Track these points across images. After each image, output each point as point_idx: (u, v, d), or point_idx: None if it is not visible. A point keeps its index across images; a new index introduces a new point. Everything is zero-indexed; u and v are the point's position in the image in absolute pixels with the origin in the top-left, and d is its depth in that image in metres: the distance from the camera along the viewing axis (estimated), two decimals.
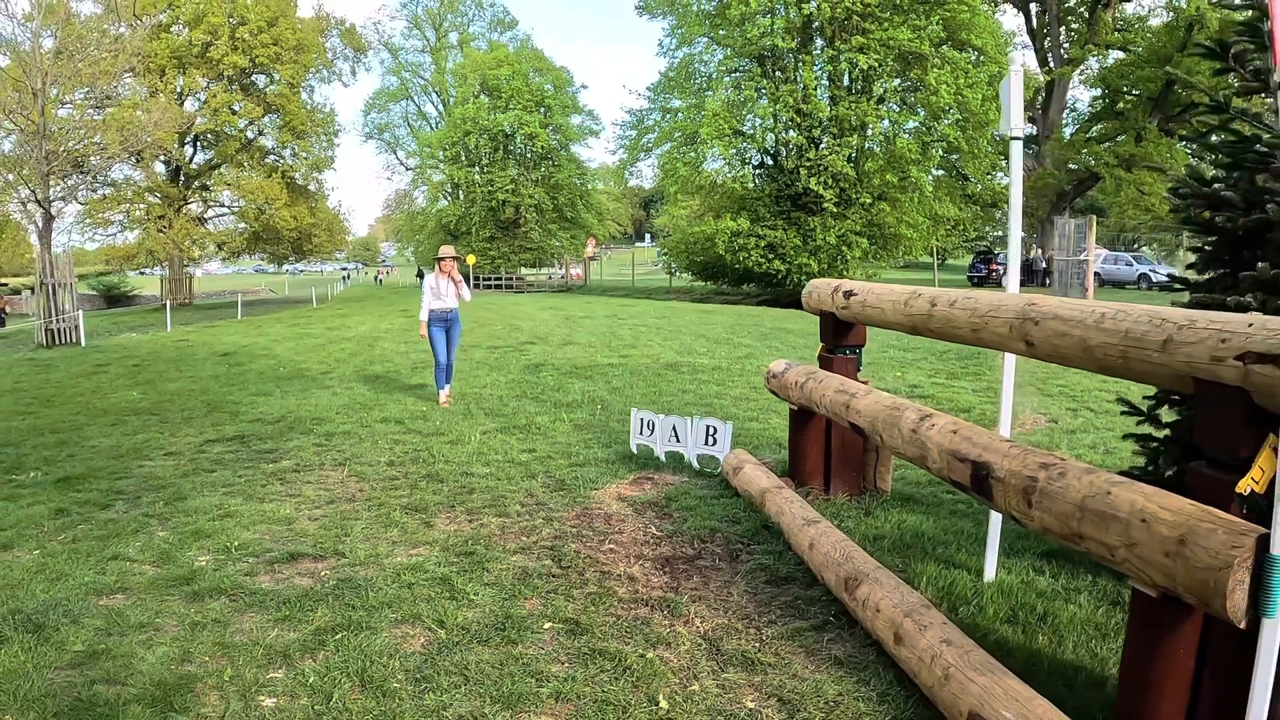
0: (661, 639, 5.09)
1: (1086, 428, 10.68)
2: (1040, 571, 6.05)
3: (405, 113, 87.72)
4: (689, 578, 6.10)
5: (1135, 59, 51.91)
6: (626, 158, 59.29)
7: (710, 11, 49.84)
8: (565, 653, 4.92)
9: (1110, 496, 3.68)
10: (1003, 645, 4.90)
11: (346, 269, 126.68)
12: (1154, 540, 3.39)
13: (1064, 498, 3.89)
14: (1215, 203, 5.50)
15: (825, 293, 7.79)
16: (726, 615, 5.45)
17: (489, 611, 5.47)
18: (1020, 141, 5.64)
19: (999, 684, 3.89)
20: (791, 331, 24.27)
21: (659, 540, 6.86)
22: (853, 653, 4.93)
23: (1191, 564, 3.20)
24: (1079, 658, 4.84)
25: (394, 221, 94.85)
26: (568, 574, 6.13)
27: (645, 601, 5.66)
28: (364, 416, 11.83)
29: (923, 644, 4.37)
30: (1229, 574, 3.06)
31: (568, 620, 5.33)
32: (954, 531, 6.91)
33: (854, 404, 6.52)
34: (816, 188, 45.60)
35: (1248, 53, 5.60)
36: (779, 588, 5.90)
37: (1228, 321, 3.55)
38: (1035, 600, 5.55)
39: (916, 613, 4.65)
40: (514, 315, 30.22)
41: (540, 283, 76.49)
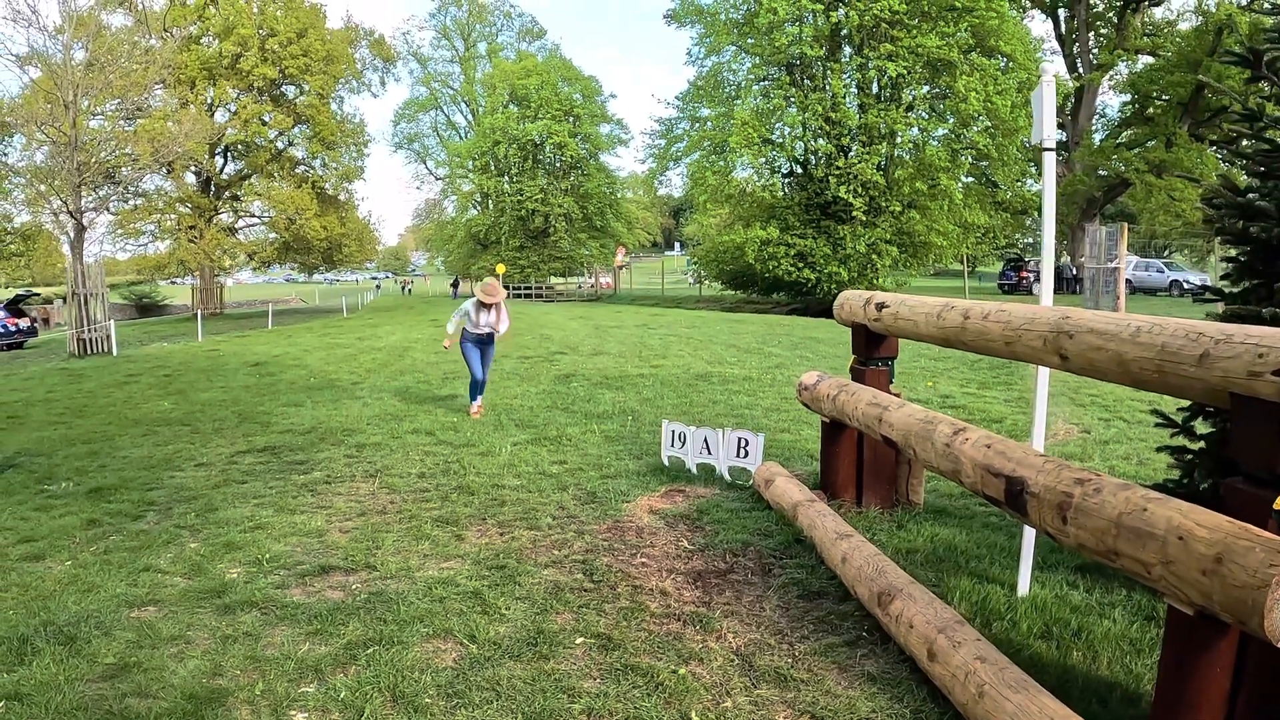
0: (694, 654, 5.07)
1: (1119, 438, 10.61)
2: (1074, 586, 6.01)
3: (434, 123, 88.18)
4: (721, 592, 6.08)
5: (1164, 64, 51.61)
6: (656, 166, 59.43)
7: (738, 20, 49.87)
8: (597, 668, 4.91)
9: (1146, 513, 3.65)
10: (1036, 661, 4.86)
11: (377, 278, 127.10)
12: (1190, 558, 3.36)
13: (1099, 514, 3.86)
14: (1249, 213, 5.46)
15: (857, 305, 7.76)
16: (759, 630, 5.43)
17: (520, 626, 5.46)
18: (1052, 153, 5.61)
19: (1034, 702, 3.87)
20: (822, 341, 24.20)
21: (691, 554, 6.84)
22: (885, 669, 4.90)
23: (1229, 582, 3.17)
24: (1114, 674, 4.79)
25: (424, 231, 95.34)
26: (599, 588, 6.13)
27: (677, 616, 5.65)
28: (395, 428, 11.85)
29: (956, 661, 4.35)
30: (1267, 593, 3.02)
31: (599, 635, 5.33)
32: (987, 545, 6.86)
33: (887, 417, 6.50)
34: (846, 196, 45.55)
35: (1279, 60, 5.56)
36: (811, 603, 5.88)
37: (1265, 335, 3.51)
38: (1069, 615, 5.50)
39: (950, 629, 4.62)
40: (544, 325, 30.25)
41: (570, 292, 76.59)
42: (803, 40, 46.07)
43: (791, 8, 45.21)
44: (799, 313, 43.84)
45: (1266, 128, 5.64)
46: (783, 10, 44.70)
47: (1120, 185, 52.58)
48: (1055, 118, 5.62)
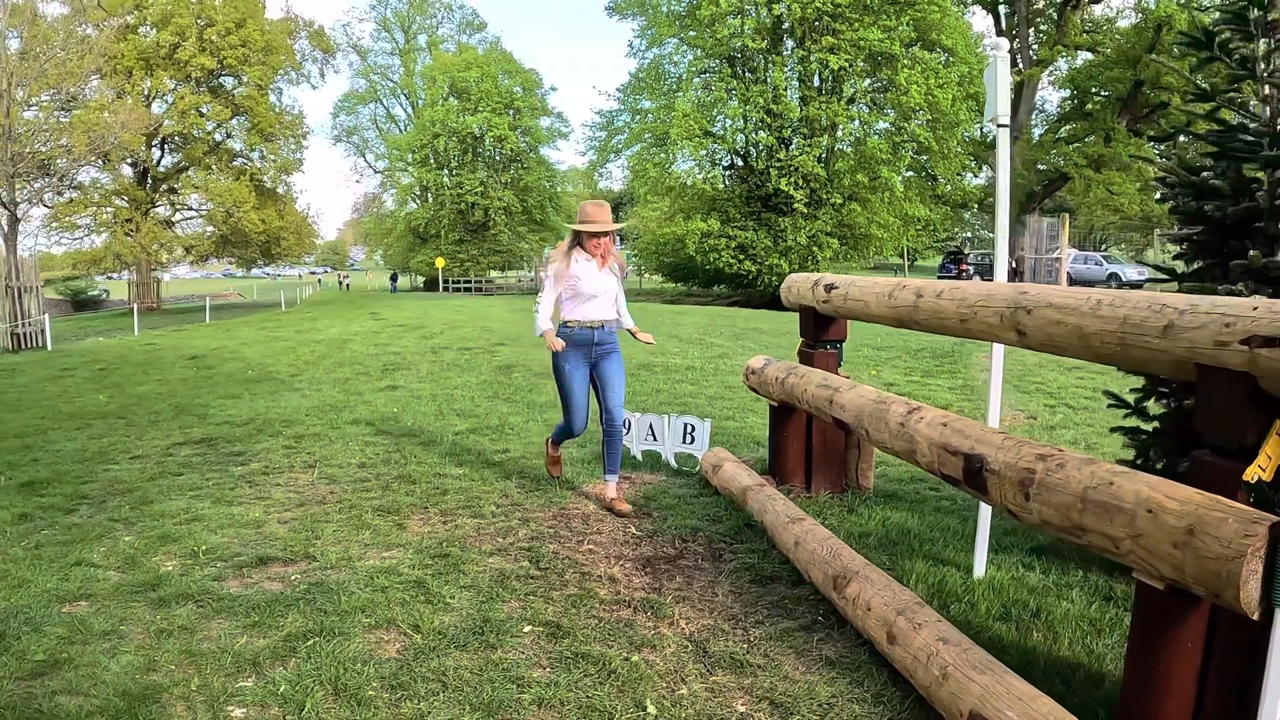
0: (646, 641, 4.94)
1: (1066, 424, 10.62)
2: (1030, 567, 5.96)
3: (374, 115, 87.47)
4: (671, 578, 5.96)
5: (1104, 60, 52.16)
6: (596, 159, 59.38)
7: (680, 12, 49.92)
8: (547, 657, 4.76)
9: (1113, 487, 3.56)
10: (997, 643, 4.78)
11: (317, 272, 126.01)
12: (1161, 531, 3.28)
13: (1064, 489, 3.77)
14: (1203, 192, 5.43)
15: (805, 287, 7.67)
16: (712, 616, 5.31)
17: (466, 615, 5.30)
18: (1007, 129, 5.54)
19: (1000, 683, 3.77)
20: (765, 331, 24.21)
21: (639, 540, 6.72)
22: (844, 653, 4.80)
23: (1202, 555, 3.10)
24: (1075, 654, 4.73)
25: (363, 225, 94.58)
26: (546, 575, 5.98)
27: (628, 603, 5.52)
28: (334, 418, 11.63)
29: (918, 643, 4.25)
30: (1242, 564, 2.95)
31: (548, 623, 5.18)
32: (940, 528, 6.81)
33: (838, 398, 6.41)
34: (787, 188, 45.70)
35: (1232, 41, 5.54)
36: (764, 587, 5.78)
37: (1232, 305, 3.45)
38: (1027, 596, 5.45)
39: (909, 610, 4.53)
40: (484, 317, 30.03)
41: (510, 285, 76.34)
42: (744, 33, 46.20)
43: (734, 0, 45.27)
44: (740, 304, 43.99)
45: (1220, 108, 5.62)
46: (725, 3, 44.79)
47: (1059, 179, 53.08)
48: (1009, 94, 5.54)
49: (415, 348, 20.58)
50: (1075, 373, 14.42)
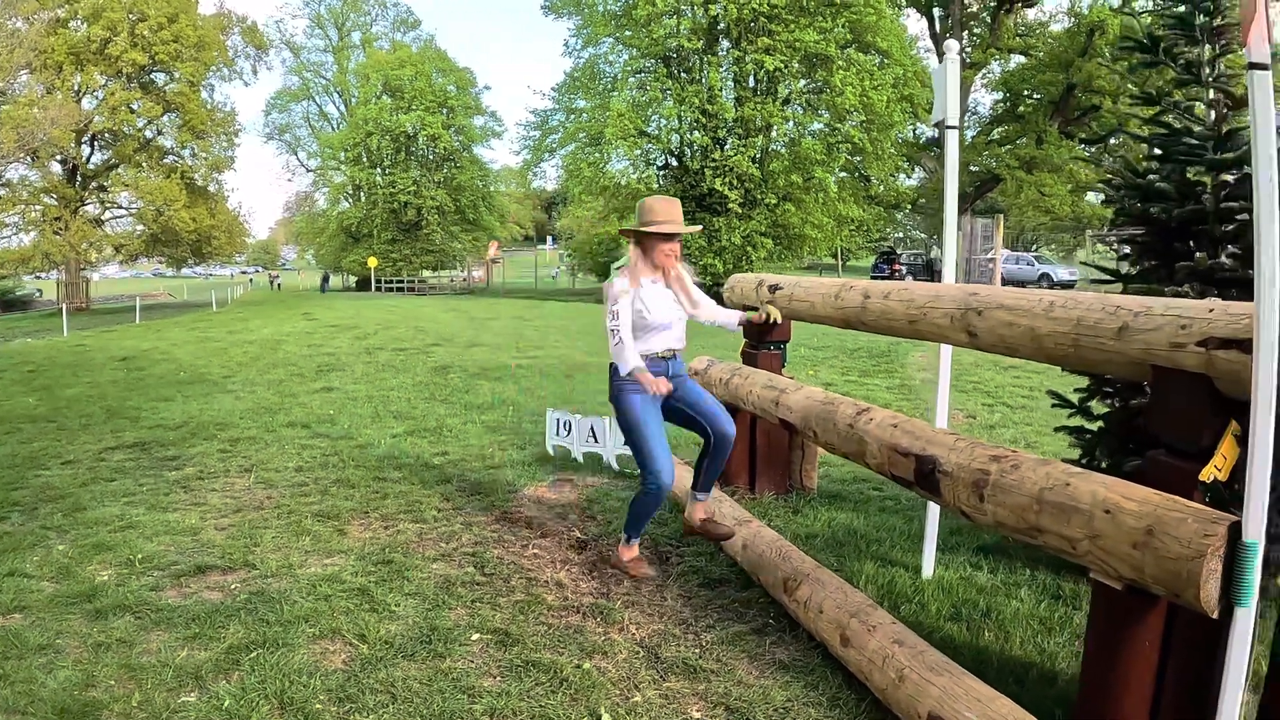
0: (597, 648, 4.89)
1: (1005, 423, 10.70)
2: (978, 567, 5.99)
3: (306, 113, 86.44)
4: (619, 582, 5.91)
5: (1036, 63, 52.85)
6: (530, 159, 58.98)
7: (617, 12, 49.79)
8: (496, 665, 4.69)
9: (1070, 488, 3.57)
10: (950, 643, 4.79)
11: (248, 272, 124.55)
12: (1119, 532, 3.29)
13: (1019, 490, 3.77)
14: (1149, 194, 5.49)
15: (749, 287, 7.66)
16: (662, 621, 5.27)
17: (412, 624, 5.21)
18: (956, 131, 5.54)
19: (958, 684, 3.77)
20: (700, 331, 24.18)
21: (584, 544, 6.66)
22: (797, 656, 4.78)
23: (1162, 555, 3.10)
24: (1027, 654, 4.75)
25: (294, 224, 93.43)
26: (492, 581, 5.91)
27: (576, 609, 5.46)
28: (269, 421, 11.46)
29: (873, 645, 4.24)
30: (1202, 563, 2.96)
31: (496, 630, 5.11)
32: (886, 528, 6.83)
33: (784, 399, 6.40)
34: (721, 188, 45.74)
35: (1177, 46, 5.60)
36: (714, 590, 5.75)
37: (1187, 308, 3.48)
38: (977, 596, 5.47)
39: (863, 613, 4.51)
40: (418, 317, 29.83)
41: (442, 285, 75.89)
42: (680, 33, 46.19)
43: (670, 0, 45.29)
44: None
45: (1164, 111, 5.68)
46: (661, 3, 44.72)
47: (992, 181, 53.63)
48: (958, 95, 5.55)
49: (349, 348, 20.41)
50: (1012, 372, 14.56)
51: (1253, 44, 2.97)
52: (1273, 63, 3.04)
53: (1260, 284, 2.93)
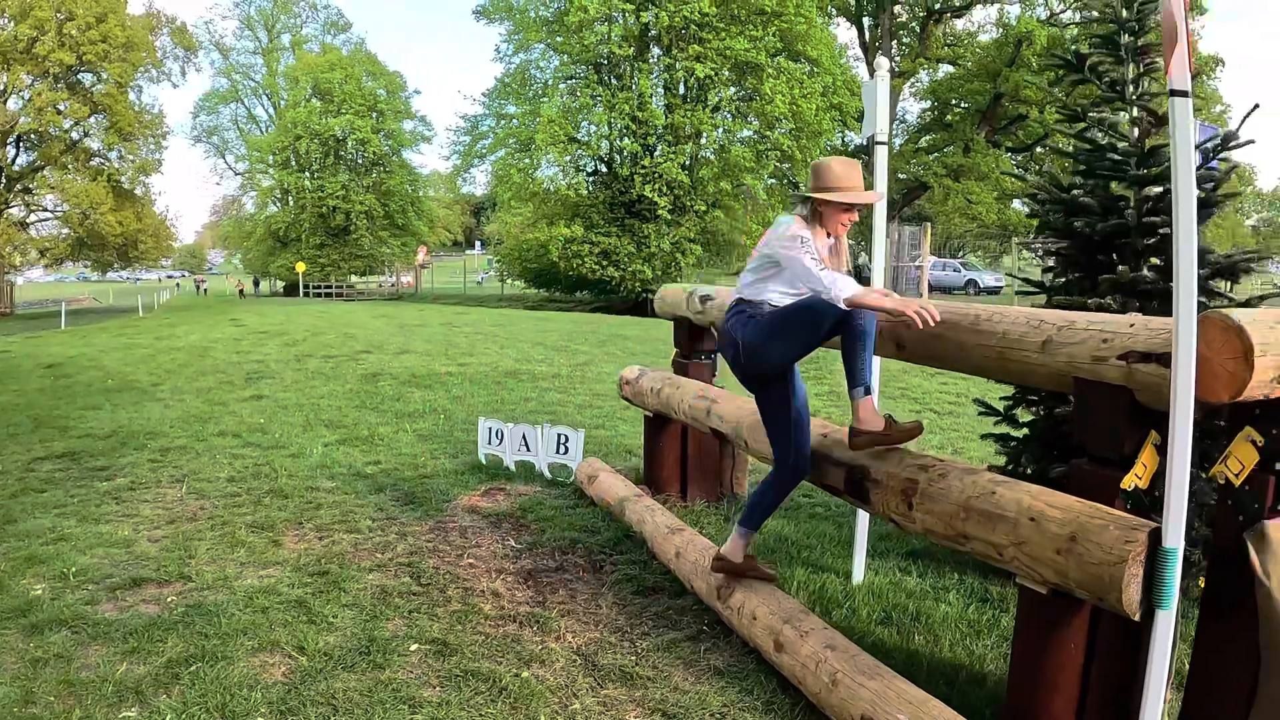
0: (534, 656, 4.93)
1: (932, 429, 10.85)
2: (907, 572, 6.11)
3: (235, 115, 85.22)
4: (554, 591, 5.95)
5: (964, 73, 53.74)
6: (460, 164, 58.89)
7: (548, 18, 49.85)
8: (436, 675, 4.71)
9: (995, 496, 3.69)
10: (881, 647, 4.89)
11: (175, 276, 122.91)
12: (1044, 538, 3.41)
13: (947, 499, 3.89)
14: (1074, 208, 5.63)
15: (680, 298, 7.75)
16: (598, 629, 5.33)
17: (351, 635, 5.22)
18: (885, 146, 5.67)
19: (890, 687, 3.87)
20: (629, 338, 24.27)
21: (519, 553, 6.69)
22: (732, 662, 4.86)
23: (1085, 560, 3.23)
24: (957, 656, 4.87)
25: (222, 228, 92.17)
26: (429, 591, 5.92)
27: (513, 618, 5.49)
28: (200, 430, 11.35)
29: (805, 650, 4.32)
30: (1124, 568, 3.10)
31: (434, 640, 5.13)
32: (816, 535, 6.94)
33: (716, 409, 6.49)
34: (651, 195, 45.91)
35: (1103, 64, 5.75)
36: (648, 598, 5.81)
37: (1108, 322, 3.62)
38: (906, 600, 5.59)
39: (795, 619, 4.60)
40: (347, 324, 29.56)
41: (371, 291, 75.36)
42: (612, 40, 46.31)
43: (602, 7, 45.38)
44: (603, 310, 44.02)
45: (1088, 128, 5.83)
46: (593, 9, 44.80)
47: (919, 188, 54.32)
48: (888, 112, 5.67)
49: (278, 355, 20.20)
50: (939, 378, 14.75)
51: (1174, 72, 3.09)
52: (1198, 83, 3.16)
53: (1178, 303, 3.05)
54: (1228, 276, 5.66)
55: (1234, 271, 5.61)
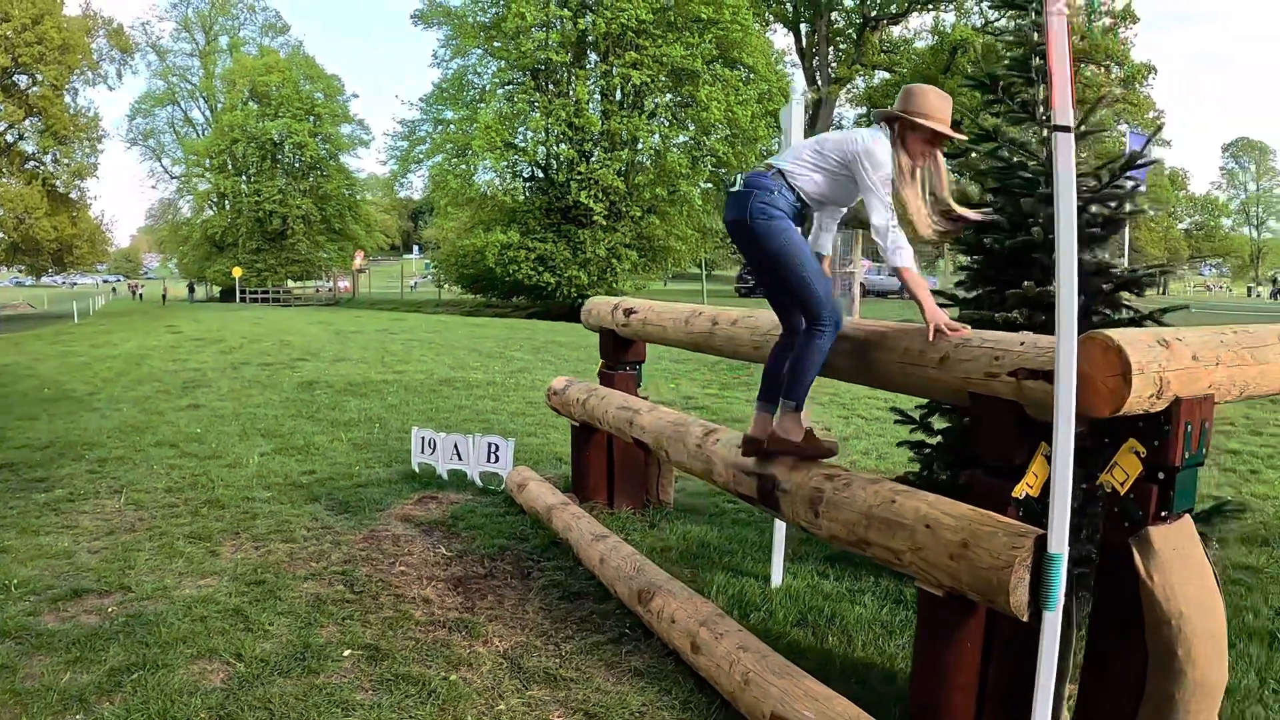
0: (463, 660, 5.08)
1: (859, 434, 11.09)
2: (825, 575, 6.32)
3: (171, 118, 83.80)
4: (483, 597, 6.10)
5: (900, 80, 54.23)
6: (397, 169, 58.57)
7: (486, 23, 49.71)
8: (368, 679, 4.86)
9: (895, 505, 3.89)
10: (795, 648, 5.09)
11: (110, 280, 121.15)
12: (939, 544, 3.61)
13: (850, 507, 4.09)
14: (983, 225, 5.84)
15: (605, 310, 7.93)
16: (524, 633, 5.48)
17: (286, 642, 5.34)
18: None
19: (798, 685, 4.07)
20: (564, 344, 24.38)
21: (449, 560, 6.83)
22: (652, 663, 5.04)
23: (975, 565, 3.43)
24: (869, 655, 5.09)
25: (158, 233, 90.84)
26: (362, 599, 6.05)
27: (442, 623, 5.63)
28: (137, 440, 11.35)
29: (720, 651, 4.51)
30: (1010, 573, 3.30)
31: (367, 646, 5.27)
32: (738, 540, 7.14)
33: (638, 420, 6.67)
34: (587, 201, 45.99)
35: (1014, 85, 5.99)
36: (573, 603, 5.97)
37: (1000, 339, 3.82)
38: (823, 603, 5.81)
39: (711, 621, 4.79)
40: (284, 330, 29.42)
41: (308, 296, 74.78)
42: (549, 46, 46.36)
43: (540, 13, 45.46)
44: (539, 316, 43.99)
45: (1000, 147, 6.05)
46: (531, 15, 44.85)
47: None
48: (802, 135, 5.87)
49: (215, 363, 20.12)
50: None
51: (1057, 108, 3.30)
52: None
53: (1060, 325, 3.27)
54: (1134, 289, 5.91)
55: (1140, 284, 5.87)
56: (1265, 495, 8.88)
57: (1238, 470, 9.94)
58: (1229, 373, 3.74)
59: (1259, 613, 5.83)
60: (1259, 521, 7.95)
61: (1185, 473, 3.58)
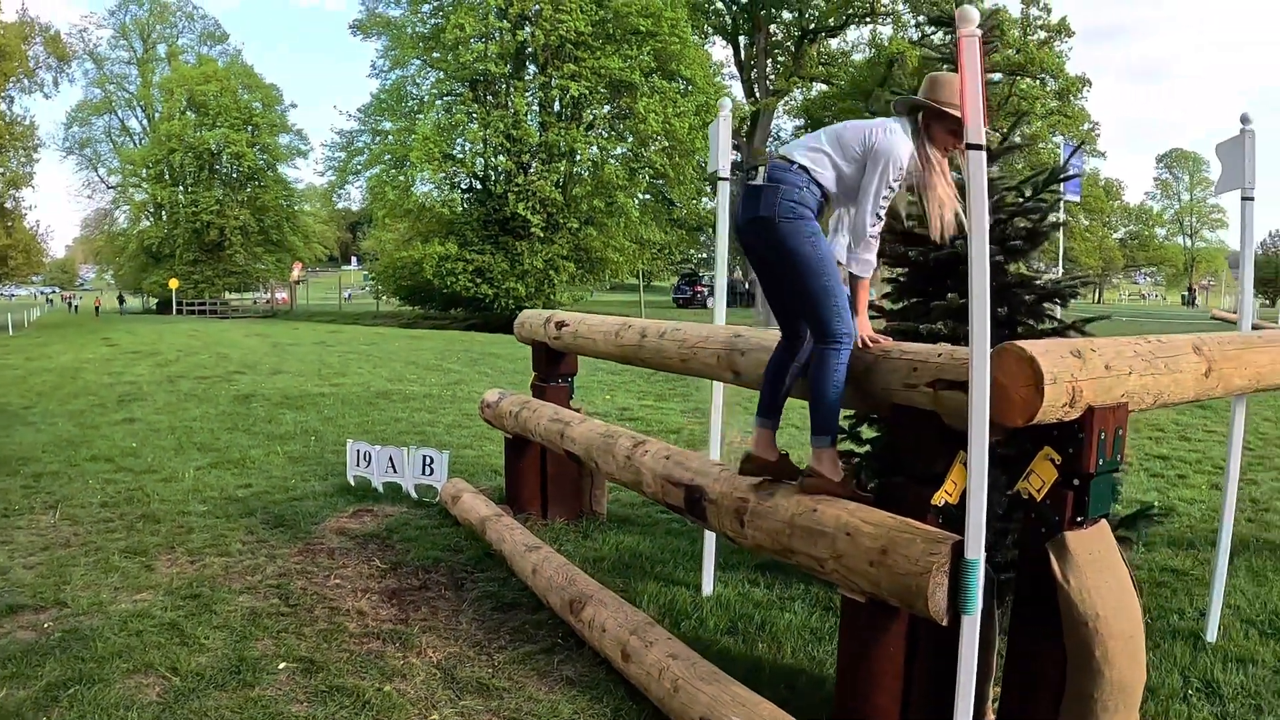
0: (396, 671, 5.11)
1: (791, 444, 11.07)
2: (755, 583, 6.42)
3: (108, 127, 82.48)
4: (417, 609, 6.13)
5: (837, 91, 54.87)
6: (335, 180, 58.33)
7: (425, 34, 49.70)
8: (303, 691, 4.88)
9: (817, 514, 3.98)
10: (726, 655, 5.16)
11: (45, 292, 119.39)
12: (859, 552, 3.70)
13: (774, 516, 4.18)
14: (909, 239, 5.96)
15: (537, 324, 8.00)
16: (458, 644, 5.52)
17: (222, 655, 5.34)
18: (727, 182, 5.95)
19: (726, 691, 4.15)
20: (500, 356, 24.36)
21: (384, 573, 6.85)
22: (583, 672, 5.10)
23: (895, 571, 3.52)
24: (798, 661, 5.20)
25: (94, 243, 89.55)
26: (296, 611, 6.05)
27: (376, 635, 5.66)
28: (72, 455, 11.23)
29: (650, 659, 4.58)
30: (929, 578, 3.39)
31: (302, 659, 5.28)
32: (670, 550, 7.21)
33: (569, 432, 6.74)
34: (524, 213, 46.05)
35: None
36: (506, 614, 6.02)
37: (919, 352, 3.92)
38: (753, 611, 5.90)
39: (641, 630, 4.86)
40: (220, 343, 29.17)
41: (245, 308, 74.14)
42: (488, 57, 46.34)
43: (479, 24, 45.49)
44: (477, 328, 43.92)
45: None
46: (470, 27, 44.87)
47: None
48: (730, 150, 5.97)
49: (151, 376, 19.91)
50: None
51: (970, 127, 3.41)
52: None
53: (973, 338, 3.37)
54: (1058, 300, 6.05)
55: (1063, 295, 6.01)
56: (1192, 499, 9.07)
57: (1165, 475, 10.16)
58: (1142, 381, 3.86)
59: (1184, 614, 5.99)
60: (1185, 525, 8.14)
61: (1100, 479, 3.67)
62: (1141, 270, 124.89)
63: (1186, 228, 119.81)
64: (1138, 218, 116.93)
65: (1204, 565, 6.85)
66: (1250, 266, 5.70)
